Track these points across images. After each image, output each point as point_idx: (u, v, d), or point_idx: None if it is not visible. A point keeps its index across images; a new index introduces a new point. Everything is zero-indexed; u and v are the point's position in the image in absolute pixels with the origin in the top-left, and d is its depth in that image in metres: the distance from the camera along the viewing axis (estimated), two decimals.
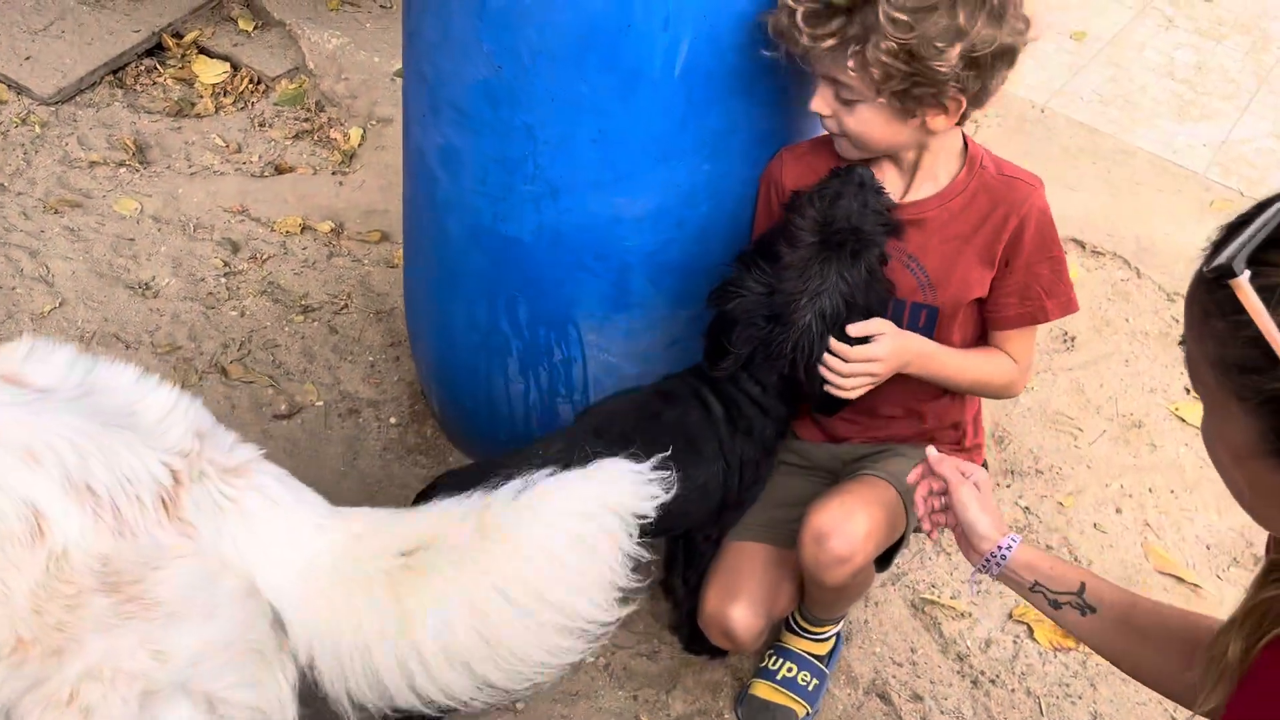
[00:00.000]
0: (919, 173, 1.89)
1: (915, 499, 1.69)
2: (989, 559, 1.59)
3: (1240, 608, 1.22)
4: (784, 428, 2.03)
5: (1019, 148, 3.46)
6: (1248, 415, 1.04)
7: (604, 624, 1.52)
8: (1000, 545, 1.58)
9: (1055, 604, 1.56)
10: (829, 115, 1.82)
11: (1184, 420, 2.82)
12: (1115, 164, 3.55)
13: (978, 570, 1.62)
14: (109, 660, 1.43)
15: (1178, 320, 3.05)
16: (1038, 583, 1.57)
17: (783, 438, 2.05)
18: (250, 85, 3.56)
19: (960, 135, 1.89)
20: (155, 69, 3.58)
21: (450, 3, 1.90)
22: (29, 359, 1.51)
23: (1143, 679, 1.56)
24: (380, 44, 3.60)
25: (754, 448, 1.98)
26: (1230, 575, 2.52)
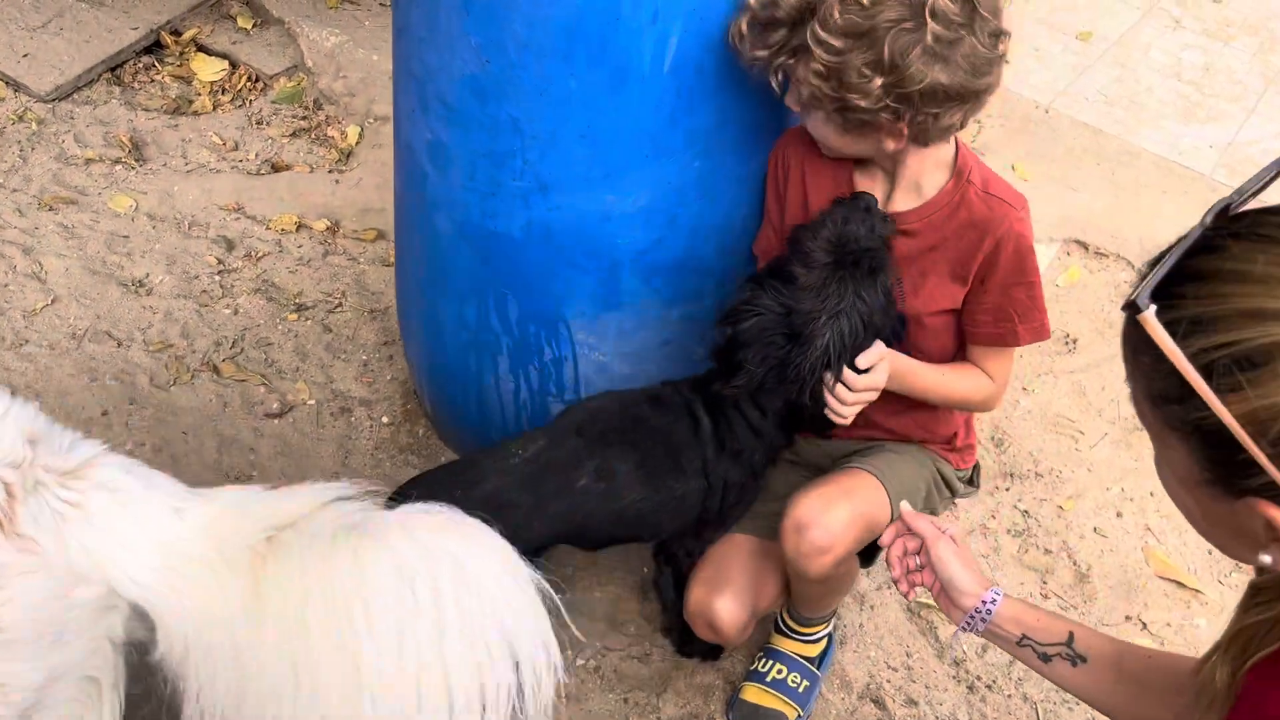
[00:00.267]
0: (900, 181, 1.87)
1: (890, 559, 1.64)
2: (973, 615, 1.55)
3: (1225, 633, 1.21)
4: (775, 454, 2.00)
5: (1023, 148, 3.43)
6: (1182, 444, 1.06)
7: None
8: (984, 600, 1.54)
9: (1045, 657, 1.52)
10: (799, 112, 1.83)
11: None
12: (1120, 165, 3.51)
13: (961, 628, 1.57)
14: None
15: None
16: (1025, 636, 1.53)
17: (773, 464, 2.02)
18: (248, 83, 3.54)
19: (952, 144, 1.86)
20: (153, 66, 3.57)
21: None
22: None
23: None
24: (379, 42, 3.58)
25: (740, 471, 1.94)
26: (1232, 581, 2.48)
